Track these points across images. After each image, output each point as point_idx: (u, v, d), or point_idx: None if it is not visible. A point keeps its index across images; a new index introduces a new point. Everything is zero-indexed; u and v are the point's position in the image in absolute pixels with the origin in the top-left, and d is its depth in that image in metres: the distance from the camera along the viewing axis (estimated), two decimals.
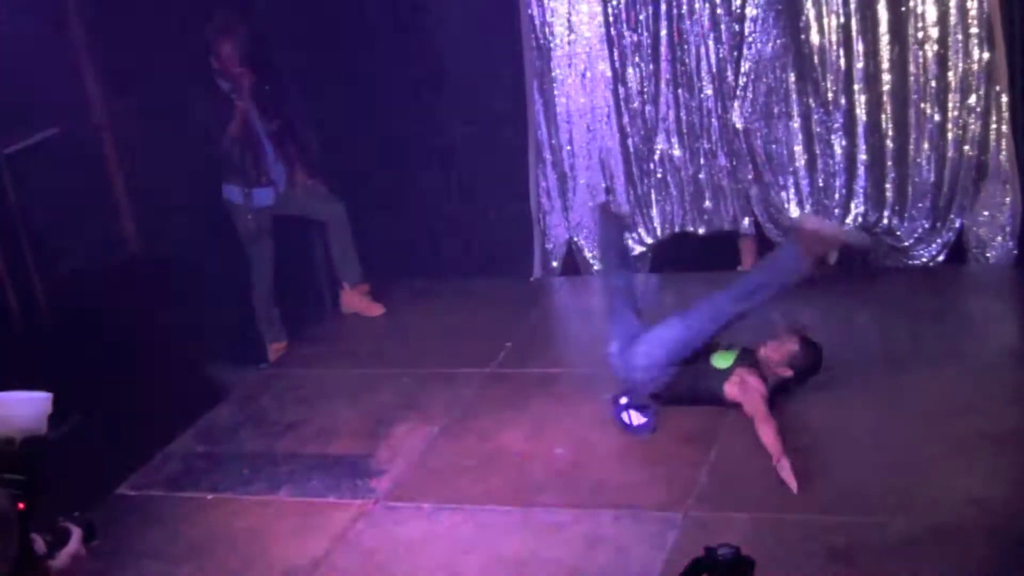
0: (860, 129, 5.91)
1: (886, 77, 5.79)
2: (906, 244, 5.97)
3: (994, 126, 5.69)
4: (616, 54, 6.23)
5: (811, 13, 5.81)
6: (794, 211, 6.12)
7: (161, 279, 5.52)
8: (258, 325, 6.14)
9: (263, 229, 5.96)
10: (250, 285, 6.06)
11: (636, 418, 4.60)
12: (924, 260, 5.94)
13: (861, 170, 5.96)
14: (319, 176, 6.31)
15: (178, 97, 5.65)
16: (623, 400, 4.64)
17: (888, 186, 5.96)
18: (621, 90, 6.28)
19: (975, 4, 5.54)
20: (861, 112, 5.88)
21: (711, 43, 6.02)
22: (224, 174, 5.89)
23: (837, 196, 6.03)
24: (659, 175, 6.37)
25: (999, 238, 5.80)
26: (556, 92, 6.39)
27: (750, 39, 5.94)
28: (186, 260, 5.66)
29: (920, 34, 5.68)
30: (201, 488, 4.76)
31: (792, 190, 6.11)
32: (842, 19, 5.77)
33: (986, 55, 5.58)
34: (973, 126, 5.72)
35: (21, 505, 2.13)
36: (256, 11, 6.13)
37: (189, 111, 5.73)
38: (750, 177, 6.16)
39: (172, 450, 5.14)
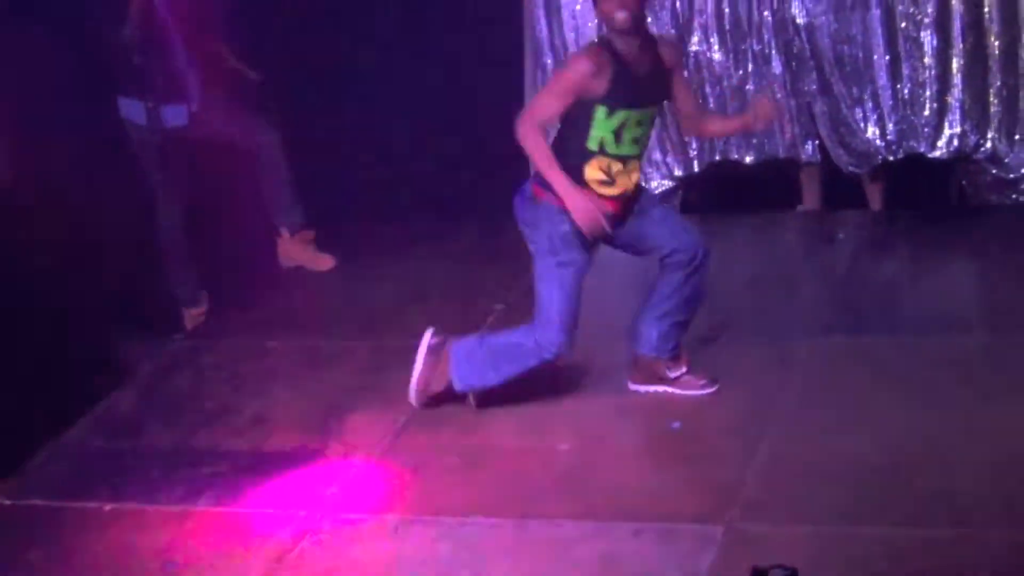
0: (956, 23, 5.93)
1: None
2: (1015, 175, 6.01)
3: None
4: None
5: None
6: (871, 131, 6.12)
7: (41, 224, 5.50)
8: (169, 284, 6.13)
9: (174, 158, 5.93)
10: (157, 232, 6.04)
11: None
12: None
13: (958, 78, 6.00)
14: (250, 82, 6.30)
15: None
16: None
17: (993, 99, 6.00)
18: None
19: None
20: (958, 2, 5.90)
21: None
22: (121, 84, 5.83)
23: (927, 112, 6.07)
24: (694, 85, 6.35)
25: None
26: None
27: None
28: (74, 199, 5.64)
29: None
30: (98, 496, 4.73)
31: (869, 104, 6.14)
32: None
33: None
34: None
35: None
36: None
37: None
38: (814, 88, 6.18)
39: (60, 446, 5.12)
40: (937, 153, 6.10)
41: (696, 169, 6.50)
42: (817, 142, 6.28)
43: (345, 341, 5.67)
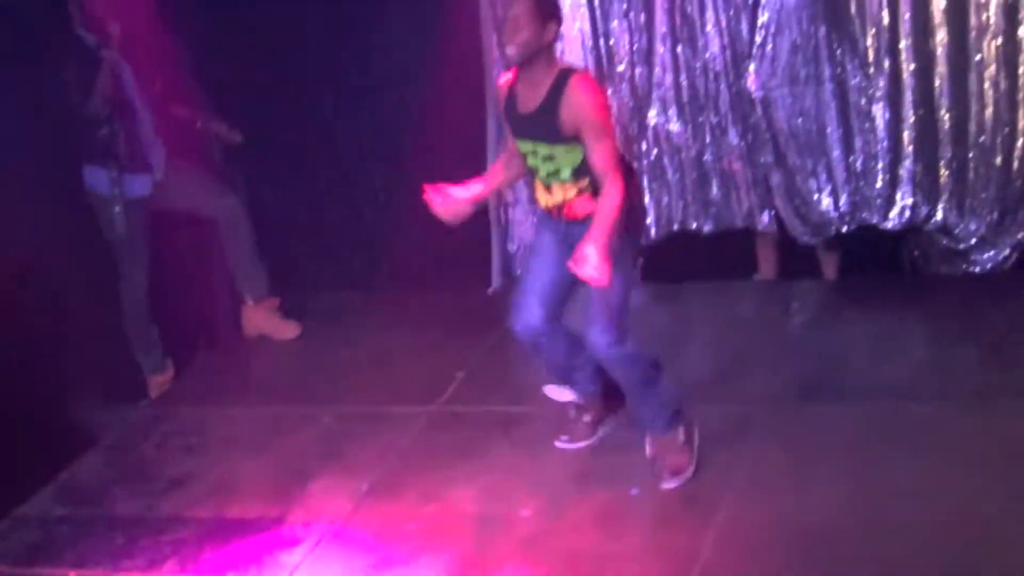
0: (908, 97, 6.02)
1: (940, 32, 5.91)
2: (965, 246, 6.11)
3: None
4: (597, 1, 6.31)
5: None
6: (825, 202, 6.22)
7: (6, 293, 5.51)
8: (133, 352, 6.16)
9: (137, 227, 5.98)
10: (121, 300, 6.08)
11: None
12: (988, 266, 6.09)
13: (909, 150, 6.08)
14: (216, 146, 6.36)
15: (28, 54, 5.64)
16: None
17: (943, 171, 6.08)
18: (603, 46, 6.37)
19: None
20: (909, 76, 5.99)
21: None
22: (87, 153, 5.88)
23: (879, 183, 6.14)
24: (653, 157, 6.46)
25: None
26: None
27: None
28: (39, 268, 5.64)
29: None
30: (61, 562, 4.78)
31: (823, 176, 6.22)
32: None
33: None
34: None
35: None
36: None
37: (42, 72, 5.72)
38: (770, 160, 6.27)
39: (24, 513, 5.15)
40: (889, 224, 6.17)
41: (653, 237, 6.54)
42: (773, 212, 6.33)
43: (309, 408, 5.69)
